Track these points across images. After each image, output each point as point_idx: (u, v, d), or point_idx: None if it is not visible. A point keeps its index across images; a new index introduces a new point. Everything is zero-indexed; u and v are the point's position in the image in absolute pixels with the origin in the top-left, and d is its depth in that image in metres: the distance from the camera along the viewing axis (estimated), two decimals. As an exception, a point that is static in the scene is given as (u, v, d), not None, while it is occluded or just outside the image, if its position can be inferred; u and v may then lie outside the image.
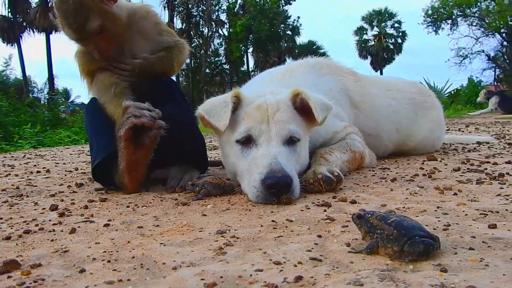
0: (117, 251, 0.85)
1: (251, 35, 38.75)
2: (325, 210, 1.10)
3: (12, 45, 24.01)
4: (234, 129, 1.40)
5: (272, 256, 0.77)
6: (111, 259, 0.80)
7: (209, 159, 1.98)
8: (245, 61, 41.60)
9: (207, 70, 39.34)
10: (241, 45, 39.42)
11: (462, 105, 20.56)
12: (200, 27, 39.06)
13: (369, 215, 0.79)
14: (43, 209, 1.28)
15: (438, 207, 1.08)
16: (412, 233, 0.72)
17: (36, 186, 1.74)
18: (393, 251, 0.72)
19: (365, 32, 44.03)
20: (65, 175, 2.04)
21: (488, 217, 0.98)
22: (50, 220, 1.12)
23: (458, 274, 0.65)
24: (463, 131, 4.23)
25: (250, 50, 41.08)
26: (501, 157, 2.01)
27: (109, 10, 1.55)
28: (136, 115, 1.36)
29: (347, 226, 0.93)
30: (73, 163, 2.63)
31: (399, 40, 43.05)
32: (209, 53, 39.40)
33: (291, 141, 1.38)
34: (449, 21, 34.59)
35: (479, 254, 0.74)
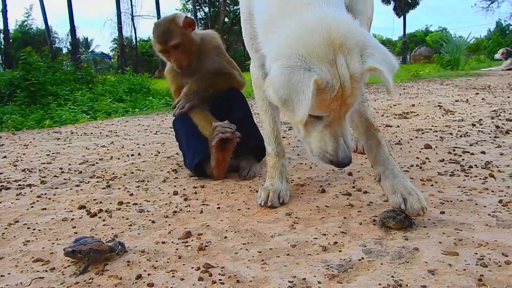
0: (236, 226, 1.58)
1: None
2: (347, 198, 1.81)
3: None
4: None
5: (320, 230, 1.49)
6: (236, 231, 1.53)
7: None
8: (264, 9, 40.77)
9: (226, 19, 39.07)
10: (260, -7, 38.45)
11: (485, 56, 20.32)
12: (218, -26, 38.25)
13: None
14: (168, 193, 2.02)
15: (417, 197, 1.77)
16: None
17: (144, 171, 2.49)
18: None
19: (388, -25, 42.30)
20: (155, 159, 2.80)
21: (443, 205, 1.66)
22: (181, 203, 1.87)
23: (413, 241, 1.35)
24: (469, 103, 4.79)
25: (270, -3, 40.05)
26: (481, 145, 2.64)
27: (187, 33, 2.32)
28: (222, 132, 2.08)
29: (360, 211, 1.64)
30: (149, 144, 3.39)
31: (424, -16, 41.35)
32: (227, 1, 38.88)
33: None
34: (477, -39, 32.94)
35: (427, 229, 1.44)
